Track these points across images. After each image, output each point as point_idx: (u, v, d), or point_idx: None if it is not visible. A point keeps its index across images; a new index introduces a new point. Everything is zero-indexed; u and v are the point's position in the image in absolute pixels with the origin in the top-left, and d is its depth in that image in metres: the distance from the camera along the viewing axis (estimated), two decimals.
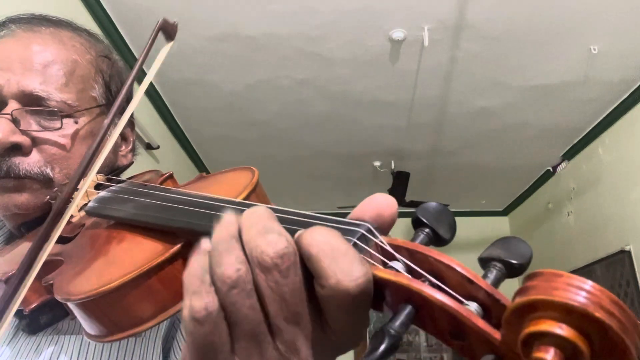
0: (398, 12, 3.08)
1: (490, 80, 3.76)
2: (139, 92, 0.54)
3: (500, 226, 6.69)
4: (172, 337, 0.63)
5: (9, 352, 0.58)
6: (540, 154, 4.99)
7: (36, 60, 0.65)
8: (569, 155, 4.94)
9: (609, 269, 4.33)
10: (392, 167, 5.15)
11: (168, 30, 0.52)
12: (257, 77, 3.71)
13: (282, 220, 0.33)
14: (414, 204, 5.03)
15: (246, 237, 0.31)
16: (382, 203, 0.34)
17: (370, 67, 3.61)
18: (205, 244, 0.33)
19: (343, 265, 0.28)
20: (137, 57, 3.43)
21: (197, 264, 0.32)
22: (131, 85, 0.54)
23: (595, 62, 3.50)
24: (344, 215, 0.35)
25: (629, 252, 4.04)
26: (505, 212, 6.75)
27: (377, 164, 5.19)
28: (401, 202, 5.06)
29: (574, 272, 4.77)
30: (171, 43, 0.51)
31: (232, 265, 0.31)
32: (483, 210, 6.63)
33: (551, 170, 5.31)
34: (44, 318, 0.58)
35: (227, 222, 0.34)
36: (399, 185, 4.99)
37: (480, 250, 0.32)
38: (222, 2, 2.98)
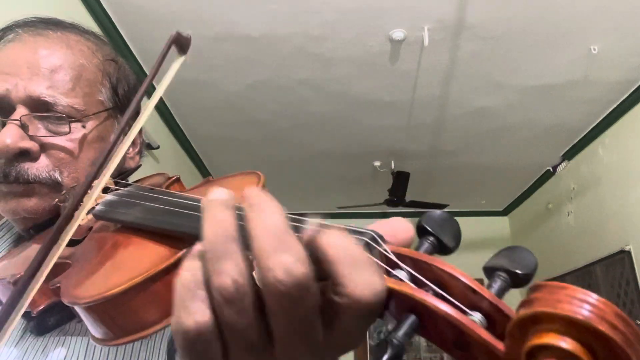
0: (398, 12, 3.08)
1: (490, 80, 3.75)
2: (149, 105, 0.54)
3: (500, 226, 6.70)
4: None
5: (16, 352, 0.59)
6: (540, 154, 4.99)
7: (43, 64, 0.65)
8: (569, 155, 4.94)
9: (609, 269, 4.33)
10: (392, 167, 5.15)
11: (181, 43, 0.51)
12: (257, 77, 3.71)
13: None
14: (414, 204, 5.04)
15: (257, 250, 0.27)
16: (399, 227, 0.33)
17: (370, 67, 3.61)
18: (199, 246, 0.30)
19: (365, 277, 0.27)
20: (136, 57, 3.43)
21: (188, 272, 0.29)
22: (143, 94, 0.53)
23: (595, 62, 3.50)
24: (344, 215, 0.34)
25: (629, 252, 4.04)
26: (505, 212, 6.75)
27: (377, 164, 5.19)
28: (401, 202, 5.06)
29: (574, 272, 4.80)
30: (183, 57, 0.51)
31: (229, 276, 0.28)
32: (483, 210, 6.63)
33: (551, 170, 5.31)
34: (52, 320, 0.58)
35: (221, 217, 0.30)
36: (399, 185, 4.99)
37: (480, 250, 0.32)
38: (222, 2, 2.98)
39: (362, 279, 0.27)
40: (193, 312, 0.28)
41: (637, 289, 3.96)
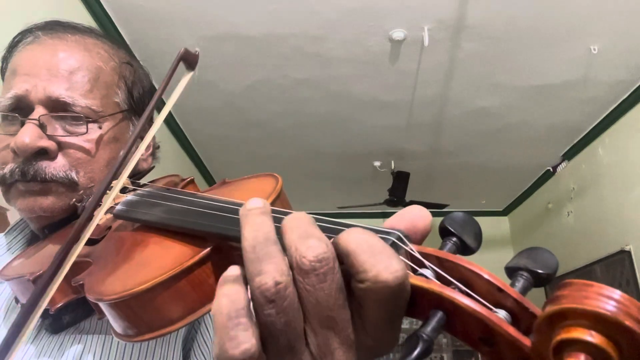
0: (398, 12, 3.09)
1: (490, 80, 3.76)
2: (159, 119, 0.55)
3: (500, 226, 6.71)
4: (191, 339, 0.65)
5: (33, 350, 0.60)
6: (540, 154, 5.00)
7: (62, 66, 0.67)
8: (569, 155, 4.95)
9: (609, 269, 4.35)
10: (392, 167, 5.16)
11: (189, 60, 0.53)
12: (257, 77, 3.72)
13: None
14: (414, 204, 5.05)
15: (287, 241, 0.31)
16: (417, 214, 0.35)
17: (370, 67, 3.62)
18: (233, 270, 0.32)
19: (382, 259, 0.29)
20: (136, 57, 3.44)
21: (225, 298, 0.30)
22: (155, 105, 0.54)
23: (595, 62, 3.51)
24: (344, 215, 0.35)
25: (629, 252, 4.06)
26: (505, 212, 6.76)
27: (377, 164, 5.20)
28: (401, 202, 5.07)
29: (574, 272, 4.80)
30: (192, 73, 0.53)
31: (270, 276, 0.29)
32: (483, 210, 6.65)
33: (551, 170, 5.33)
34: (67, 317, 0.59)
35: (260, 223, 0.32)
36: (399, 185, 4.99)
37: (480, 250, 0.33)
38: (222, 2, 2.98)
39: (381, 263, 0.29)
40: (239, 341, 0.29)
41: (637, 289, 3.97)
